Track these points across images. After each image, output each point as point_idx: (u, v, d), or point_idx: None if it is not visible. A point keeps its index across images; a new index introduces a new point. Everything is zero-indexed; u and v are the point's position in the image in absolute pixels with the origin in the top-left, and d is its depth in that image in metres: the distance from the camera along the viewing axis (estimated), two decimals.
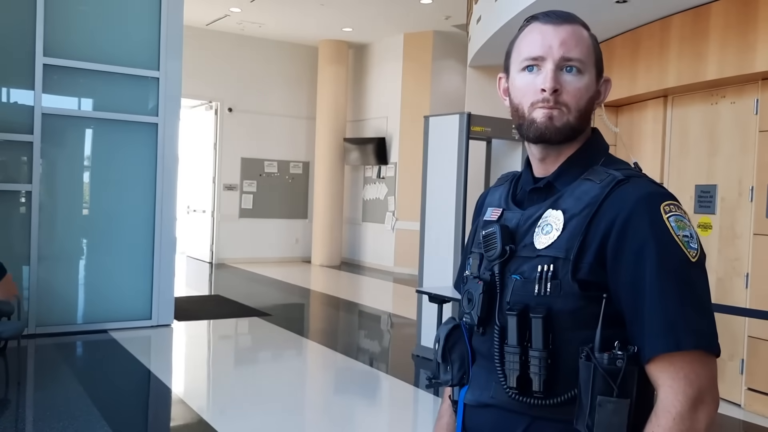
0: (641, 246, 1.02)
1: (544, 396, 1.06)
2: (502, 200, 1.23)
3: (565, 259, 1.05)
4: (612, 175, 1.08)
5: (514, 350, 1.08)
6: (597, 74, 1.15)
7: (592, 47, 1.14)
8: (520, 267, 1.10)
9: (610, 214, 1.04)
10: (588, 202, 1.07)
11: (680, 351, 0.99)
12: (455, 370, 1.21)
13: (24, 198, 5.78)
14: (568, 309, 1.04)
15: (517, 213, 1.16)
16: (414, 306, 6.07)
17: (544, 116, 1.10)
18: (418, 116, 8.73)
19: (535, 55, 1.11)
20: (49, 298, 5.82)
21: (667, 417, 0.99)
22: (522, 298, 1.08)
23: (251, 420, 4.02)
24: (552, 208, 1.10)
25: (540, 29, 1.13)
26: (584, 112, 1.12)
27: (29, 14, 5.66)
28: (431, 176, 5.54)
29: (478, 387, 1.17)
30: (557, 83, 1.09)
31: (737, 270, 4.51)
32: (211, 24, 10.97)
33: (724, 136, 4.65)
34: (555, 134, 1.11)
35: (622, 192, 1.05)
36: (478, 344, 1.18)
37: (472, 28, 7.25)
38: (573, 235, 1.06)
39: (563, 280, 1.05)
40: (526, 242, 1.11)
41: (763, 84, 4.33)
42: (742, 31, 4.29)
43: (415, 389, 4.85)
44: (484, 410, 1.16)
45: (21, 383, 4.53)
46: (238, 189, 11.77)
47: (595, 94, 1.14)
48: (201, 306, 7.65)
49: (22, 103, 5.78)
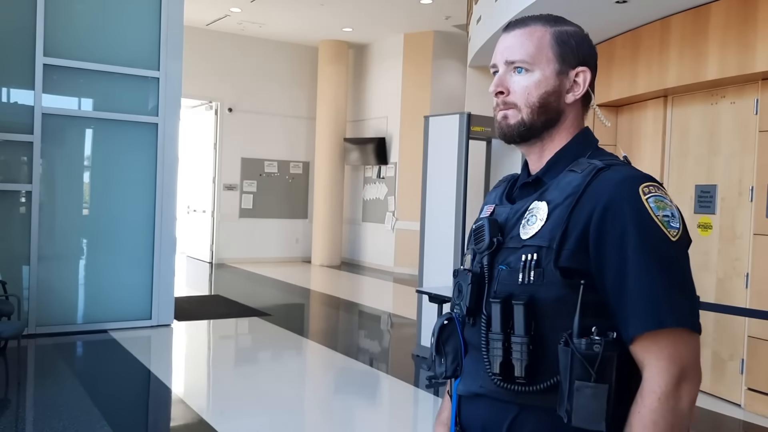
0: (622, 229, 1.03)
1: (527, 382, 1.07)
2: (497, 198, 1.27)
3: (548, 247, 1.07)
4: (593, 164, 1.11)
5: (497, 337, 1.10)
6: (562, 67, 1.17)
7: (549, 43, 1.17)
8: (507, 258, 1.13)
9: (591, 201, 1.06)
10: (570, 191, 1.09)
11: (663, 329, 1.01)
12: (449, 362, 1.24)
13: (24, 198, 5.78)
14: (552, 297, 1.06)
15: (507, 207, 1.21)
16: (414, 306, 6.08)
17: (501, 117, 1.19)
18: (418, 116, 8.73)
19: (492, 62, 1.22)
20: (49, 297, 5.82)
21: (652, 397, 1.00)
22: (507, 287, 1.11)
23: (251, 420, 4.02)
24: (537, 200, 1.14)
25: (499, 38, 1.22)
26: (539, 107, 1.16)
27: (29, 14, 5.66)
28: (431, 176, 5.55)
29: (470, 377, 1.19)
30: (501, 86, 1.18)
31: (737, 270, 4.51)
32: (212, 24, 10.97)
33: (724, 136, 4.66)
34: (510, 132, 1.18)
35: (602, 179, 1.08)
36: (469, 335, 1.20)
37: (472, 28, 7.25)
38: (556, 224, 1.08)
39: (546, 269, 1.07)
40: (513, 234, 1.14)
41: (763, 84, 4.33)
42: (742, 31, 4.29)
43: (415, 389, 4.85)
44: (475, 400, 1.18)
45: (21, 383, 4.53)
46: (238, 189, 11.77)
47: (557, 88, 1.16)
48: (201, 306, 7.65)
49: (23, 103, 5.78)
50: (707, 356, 4.68)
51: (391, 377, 5.24)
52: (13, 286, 5.39)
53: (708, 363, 4.69)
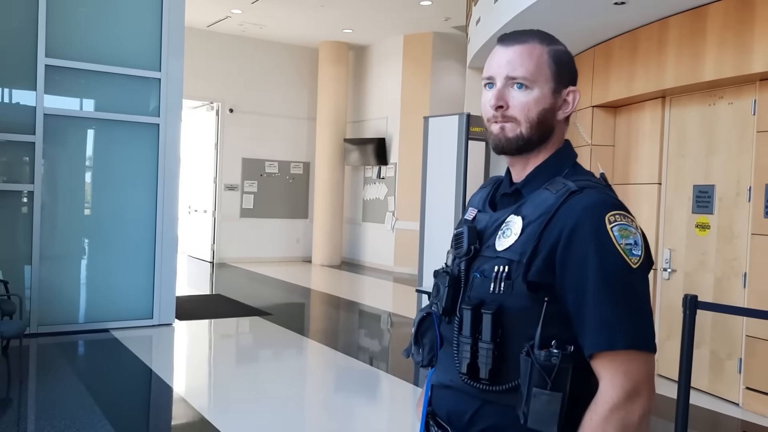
0: (584, 254, 1.11)
1: (490, 383, 1.17)
2: (481, 202, 1.34)
3: (518, 262, 1.15)
4: (567, 185, 1.17)
5: (466, 340, 1.19)
6: (557, 86, 1.23)
7: (547, 62, 1.22)
8: (482, 265, 1.21)
9: (560, 223, 1.13)
10: (543, 210, 1.16)
11: (614, 350, 1.09)
12: (425, 352, 1.34)
13: (26, 198, 5.81)
14: (518, 307, 1.14)
15: (487, 215, 1.28)
16: (414, 305, 6.10)
17: (498, 129, 1.23)
18: (418, 117, 8.76)
19: (488, 74, 1.24)
20: (51, 297, 5.85)
21: (604, 407, 1.08)
22: (479, 293, 1.19)
23: (252, 418, 4.04)
24: (514, 214, 1.21)
25: (496, 51, 1.25)
26: (537, 123, 1.21)
27: (31, 15, 5.69)
28: (431, 176, 5.57)
29: (442, 370, 1.29)
30: (502, 100, 1.21)
31: (735, 270, 4.53)
32: (213, 25, 11.00)
33: (722, 137, 4.68)
34: (507, 144, 1.23)
35: (573, 202, 1.14)
36: (445, 331, 1.29)
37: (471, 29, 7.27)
38: (528, 240, 1.15)
39: (515, 281, 1.15)
40: (489, 243, 1.22)
41: (761, 85, 4.35)
42: (739, 32, 4.31)
43: (414, 388, 4.87)
44: (445, 391, 1.28)
45: (23, 382, 4.56)
46: (239, 189, 11.80)
47: (552, 106, 1.22)
48: (202, 305, 7.68)
49: (24, 104, 5.81)
50: (706, 355, 4.70)
51: (391, 376, 5.26)
52: (15, 286, 5.42)
53: (706, 362, 4.71)
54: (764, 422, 4.23)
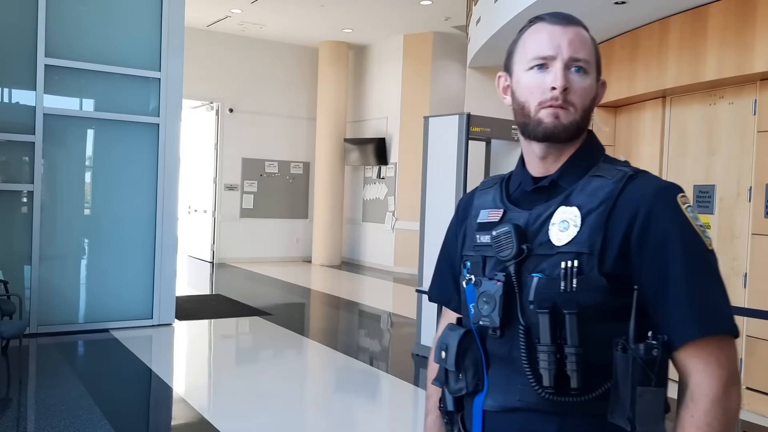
0: (665, 236, 1.05)
1: (581, 392, 1.05)
2: (498, 201, 1.22)
3: (589, 254, 1.06)
4: (622, 171, 1.11)
5: (548, 349, 1.06)
6: (598, 75, 1.18)
7: (593, 49, 1.17)
8: (539, 265, 1.10)
9: (630, 208, 1.07)
10: (603, 197, 1.09)
11: (711, 336, 1.02)
12: (469, 377, 1.17)
13: (26, 198, 5.80)
14: (596, 303, 1.05)
15: (523, 213, 1.16)
16: (414, 305, 6.10)
17: (551, 115, 1.12)
18: (418, 117, 8.74)
19: (545, 54, 1.13)
20: (51, 297, 5.84)
21: (705, 401, 1.01)
22: (548, 295, 1.07)
23: (252, 419, 4.04)
24: (564, 205, 1.11)
25: (548, 29, 1.15)
26: (588, 112, 1.15)
27: (31, 15, 5.69)
28: (431, 176, 5.56)
29: (500, 392, 1.14)
30: (567, 82, 1.11)
31: (735, 270, 4.53)
32: (212, 25, 10.99)
33: (723, 137, 4.68)
34: (563, 132, 1.13)
35: (637, 186, 1.09)
36: (495, 347, 1.15)
37: (471, 29, 7.27)
38: (593, 230, 1.07)
39: (590, 275, 1.05)
40: (541, 240, 1.11)
41: (762, 84, 4.35)
42: (740, 32, 4.31)
43: (414, 388, 4.87)
44: (509, 415, 1.13)
45: (23, 382, 4.55)
46: (238, 189, 11.80)
47: (595, 95, 1.17)
48: (202, 305, 7.67)
49: (24, 104, 5.80)
50: None
51: (391, 376, 5.25)
52: (14, 286, 5.41)
53: None
54: (764, 422, 4.23)
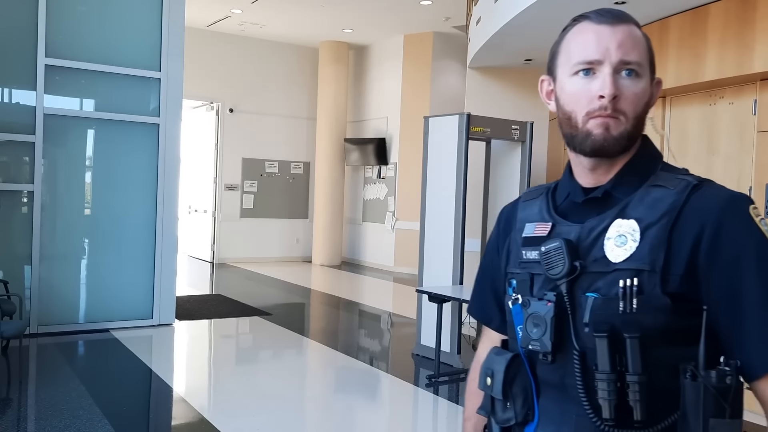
0: (738, 252, 0.94)
1: (645, 425, 0.95)
2: (545, 214, 1.12)
3: (650, 271, 0.96)
4: (685, 180, 1.01)
5: (607, 377, 0.95)
6: (652, 76, 1.07)
7: (647, 48, 1.06)
8: (594, 284, 1.00)
9: (696, 221, 0.97)
10: (665, 209, 0.99)
11: None
12: (518, 406, 1.08)
13: (26, 198, 5.81)
14: (659, 325, 0.95)
15: (574, 226, 1.06)
16: (414, 305, 6.10)
17: (600, 126, 1.01)
18: (418, 117, 8.75)
19: (591, 58, 1.02)
20: (51, 297, 5.85)
21: None
22: (605, 317, 0.97)
23: (252, 419, 4.04)
24: (621, 218, 1.01)
25: (594, 30, 1.04)
26: (641, 118, 1.04)
27: (31, 15, 5.69)
28: (431, 176, 5.56)
29: (552, 422, 1.05)
30: (617, 89, 1.00)
31: None
32: (213, 25, 10.99)
33: (723, 137, 4.68)
34: (613, 145, 1.02)
35: (703, 197, 0.99)
36: (546, 374, 1.06)
37: (471, 29, 7.27)
38: (655, 245, 0.97)
39: (651, 295, 0.95)
40: (595, 256, 1.01)
41: (762, 84, 4.35)
42: (740, 32, 4.31)
43: (415, 388, 4.87)
44: None
45: (23, 382, 4.55)
46: (239, 189, 11.80)
47: (649, 98, 1.06)
48: (202, 305, 7.67)
49: (24, 104, 5.80)
50: None
51: (391, 376, 5.26)
52: (15, 286, 5.41)
53: None
54: (764, 422, 4.23)
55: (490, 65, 7.01)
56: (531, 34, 5.60)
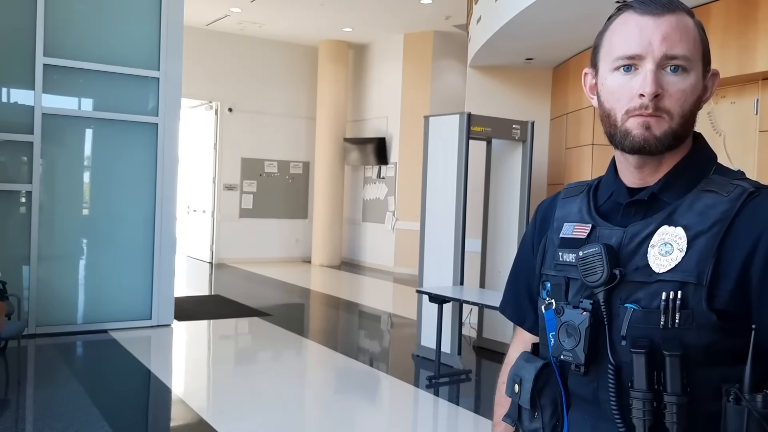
0: None
1: None
2: (585, 214, 1.05)
3: (696, 284, 0.90)
4: (741, 186, 0.94)
5: (643, 396, 0.90)
6: (705, 69, 1.00)
7: (699, 38, 0.99)
8: (634, 294, 0.94)
9: (751, 233, 0.90)
10: (717, 217, 0.92)
11: None
12: (546, 417, 1.04)
13: (24, 198, 5.78)
14: (703, 343, 0.89)
15: (615, 230, 0.99)
16: (414, 306, 6.08)
17: (641, 126, 0.95)
18: (418, 116, 8.73)
19: (632, 53, 0.96)
20: (49, 298, 5.82)
21: None
22: (644, 331, 0.92)
23: (251, 420, 4.02)
24: (667, 225, 0.95)
25: (637, 21, 0.97)
26: (689, 117, 0.98)
27: (29, 14, 5.66)
28: (431, 176, 5.54)
29: None
30: (658, 86, 0.94)
31: None
32: (212, 24, 10.97)
33: (725, 137, 4.66)
34: (655, 145, 0.96)
35: (759, 206, 0.91)
36: (577, 386, 1.01)
37: (472, 28, 7.24)
38: (703, 256, 0.90)
39: (696, 310, 0.89)
40: (637, 264, 0.95)
41: (763, 84, 4.33)
42: (742, 32, 4.29)
43: (415, 389, 4.85)
44: None
45: (21, 383, 4.53)
46: (238, 189, 11.77)
47: (701, 94, 1.00)
48: (201, 306, 7.65)
49: (23, 103, 5.78)
50: None
51: (391, 377, 5.24)
52: (13, 286, 5.38)
53: None
54: None
55: (490, 64, 6.98)
56: (532, 32, 5.58)
